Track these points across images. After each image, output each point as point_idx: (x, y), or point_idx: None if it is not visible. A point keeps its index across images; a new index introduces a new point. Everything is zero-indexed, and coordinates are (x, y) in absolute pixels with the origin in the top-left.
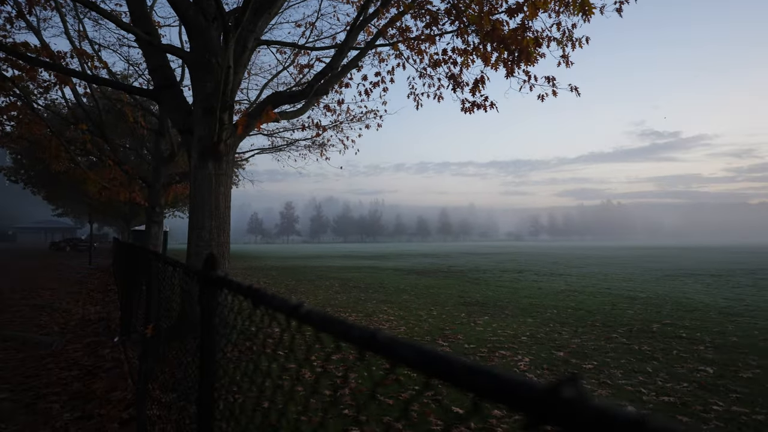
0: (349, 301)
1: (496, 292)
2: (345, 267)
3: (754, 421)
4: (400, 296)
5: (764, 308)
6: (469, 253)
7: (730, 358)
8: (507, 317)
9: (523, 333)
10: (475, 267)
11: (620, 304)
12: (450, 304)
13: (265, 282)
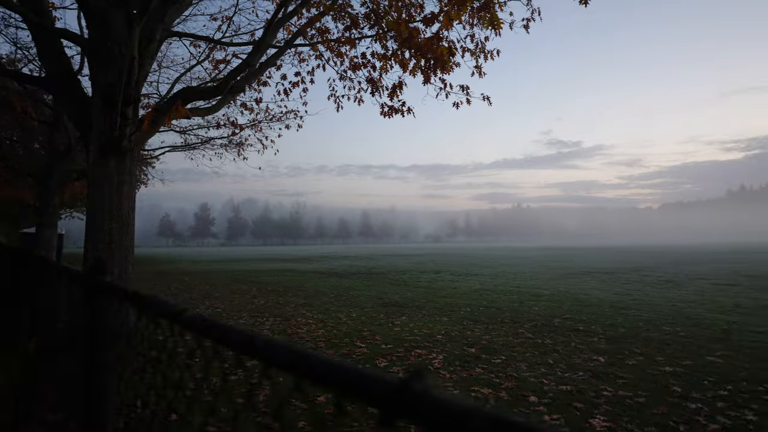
0: (266, 305)
1: (414, 293)
2: (264, 270)
3: (636, 403)
4: (319, 299)
5: (647, 302)
6: (390, 255)
7: (619, 348)
8: (424, 317)
9: (439, 332)
10: (395, 268)
11: (527, 301)
12: (369, 306)
13: (177, 288)
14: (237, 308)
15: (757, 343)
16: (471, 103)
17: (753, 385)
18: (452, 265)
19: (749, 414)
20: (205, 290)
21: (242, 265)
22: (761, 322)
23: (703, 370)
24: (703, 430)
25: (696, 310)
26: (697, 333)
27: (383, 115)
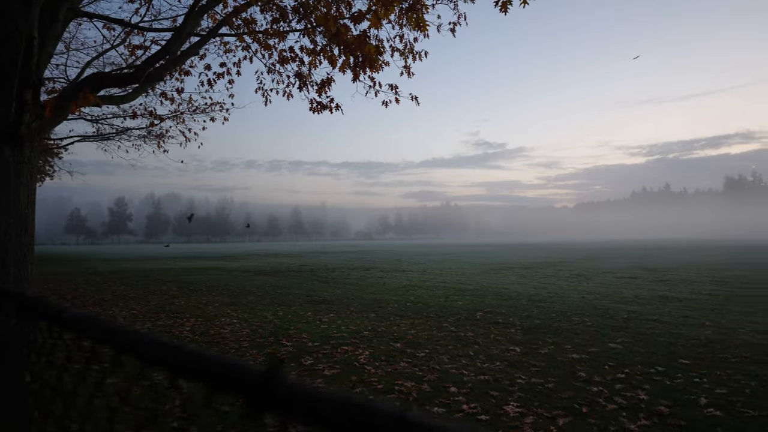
0: (187, 305)
1: (343, 290)
2: (186, 269)
3: (546, 389)
4: (245, 298)
5: (561, 294)
6: (320, 252)
7: (533, 338)
8: (352, 313)
9: (366, 328)
10: (324, 266)
11: (452, 296)
12: (297, 304)
13: (86, 290)
14: (154, 310)
15: (651, 330)
16: (400, 102)
17: (646, 368)
18: (382, 262)
19: (642, 394)
20: (120, 291)
21: (162, 264)
22: (655, 311)
23: (606, 355)
24: (602, 410)
25: (602, 302)
26: (602, 322)
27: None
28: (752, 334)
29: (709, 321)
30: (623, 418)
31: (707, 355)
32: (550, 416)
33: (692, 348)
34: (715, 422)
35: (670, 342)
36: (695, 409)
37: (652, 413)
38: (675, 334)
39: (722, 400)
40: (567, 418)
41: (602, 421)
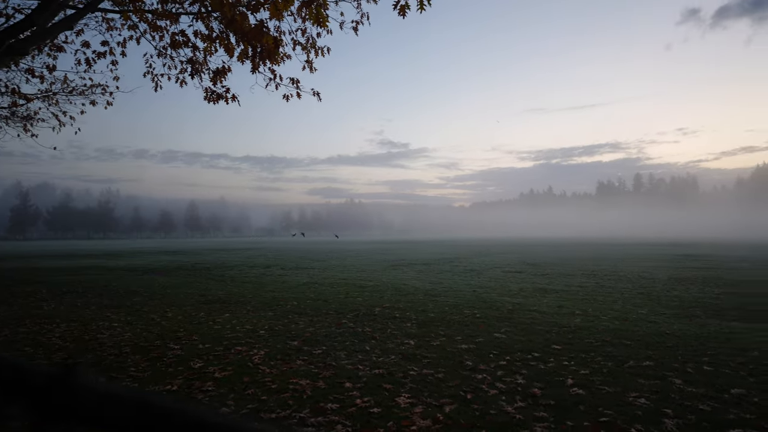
0: (60, 309)
1: (240, 288)
2: (60, 268)
3: (437, 379)
4: (129, 299)
5: (454, 289)
6: (218, 250)
7: (427, 331)
8: (248, 313)
9: (262, 327)
10: (222, 263)
11: (352, 292)
12: (189, 304)
13: None
14: (16, 315)
15: (532, 319)
16: (301, 97)
17: (525, 354)
18: (283, 260)
19: (520, 378)
20: None
21: (29, 263)
22: (536, 302)
23: (491, 345)
24: (485, 395)
25: (490, 295)
26: (489, 314)
27: (207, 100)
28: (612, 321)
29: (579, 310)
30: (502, 401)
31: (575, 340)
32: (438, 404)
33: (564, 335)
34: (578, 400)
35: (546, 330)
36: (563, 389)
37: (527, 395)
38: (551, 322)
39: (585, 379)
40: (453, 405)
41: (484, 405)
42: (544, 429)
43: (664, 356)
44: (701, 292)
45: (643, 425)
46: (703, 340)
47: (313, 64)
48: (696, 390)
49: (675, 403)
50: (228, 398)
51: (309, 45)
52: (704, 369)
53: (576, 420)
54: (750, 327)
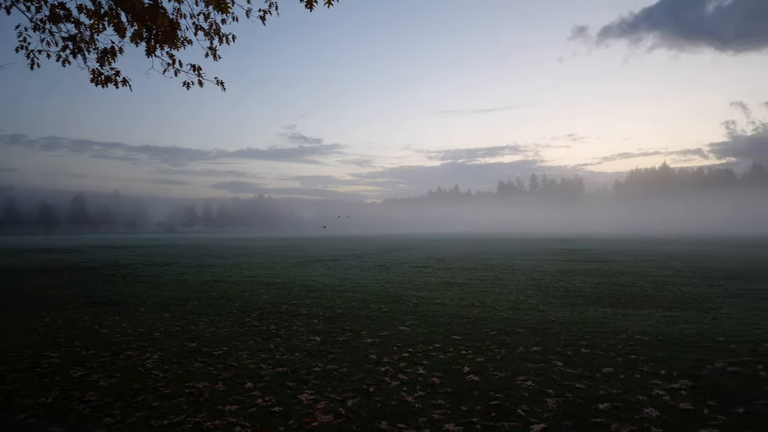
0: None
1: (134, 289)
2: None
3: (341, 374)
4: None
5: (363, 284)
6: (109, 247)
7: (334, 327)
8: (143, 314)
9: (158, 329)
10: (114, 262)
11: (258, 290)
12: (72, 307)
13: None
14: None
15: (435, 312)
16: (203, 85)
17: (427, 346)
18: (185, 257)
19: (421, 369)
20: None
21: None
22: (439, 295)
23: (395, 338)
24: (387, 387)
25: (397, 289)
26: (395, 308)
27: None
28: (507, 311)
29: (478, 302)
30: (403, 392)
31: (473, 330)
32: (341, 399)
33: (463, 325)
34: (473, 386)
35: (447, 322)
36: (460, 376)
37: (427, 385)
38: (452, 314)
39: (480, 367)
40: (356, 399)
41: (386, 397)
42: (440, 415)
43: (550, 342)
44: (583, 283)
45: (528, 405)
46: (582, 325)
47: (217, 52)
48: (574, 371)
49: (556, 384)
50: (113, 407)
51: (212, 31)
52: (582, 351)
53: (470, 405)
54: (621, 312)
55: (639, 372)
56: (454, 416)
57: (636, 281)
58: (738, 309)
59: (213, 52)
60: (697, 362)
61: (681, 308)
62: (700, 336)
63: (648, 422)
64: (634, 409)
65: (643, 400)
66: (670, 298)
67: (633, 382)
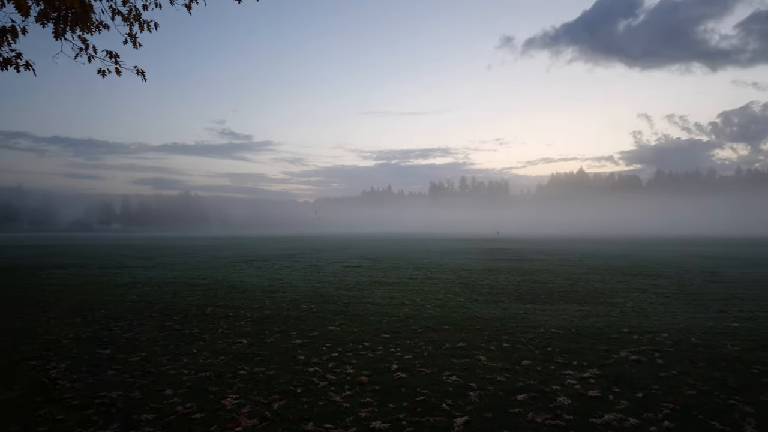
0: None
1: (40, 292)
2: None
3: (267, 376)
4: None
5: (293, 285)
6: (13, 246)
7: (262, 329)
8: (49, 321)
9: (67, 336)
10: (14, 265)
11: (182, 291)
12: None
13: None
14: None
15: (365, 311)
16: (121, 74)
17: (356, 345)
18: (101, 258)
19: (349, 368)
20: None
21: None
22: (371, 294)
23: (325, 338)
24: (315, 388)
25: (329, 289)
26: (326, 308)
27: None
28: (435, 309)
29: (408, 300)
30: (332, 392)
31: (403, 328)
32: (266, 402)
33: (393, 324)
34: (401, 383)
35: (377, 320)
36: (388, 374)
37: (356, 383)
38: (382, 313)
39: (408, 364)
40: (282, 401)
41: (314, 398)
42: (368, 414)
43: (474, 337)
44: (506, 280)
45: (453, 399)
46: (505, 321)
47: (137, 39)
48: (496, 364)
49: (479, 378)
50: (11, 423)
51: (132, 17)
52: (504, 346)
53: (397, 402)
54: (540, 308)
55: (554, 363)
56: (381, 414)
57: (554, 278)
58: (641, 302)
59: (133, 39)
60: (605, 352)
61: (593, 303)
62: (608, 328)
63: (560, 410)
64: (548, 399)
65: (557, 390)
66: (583, 293)
67: (548, 373)
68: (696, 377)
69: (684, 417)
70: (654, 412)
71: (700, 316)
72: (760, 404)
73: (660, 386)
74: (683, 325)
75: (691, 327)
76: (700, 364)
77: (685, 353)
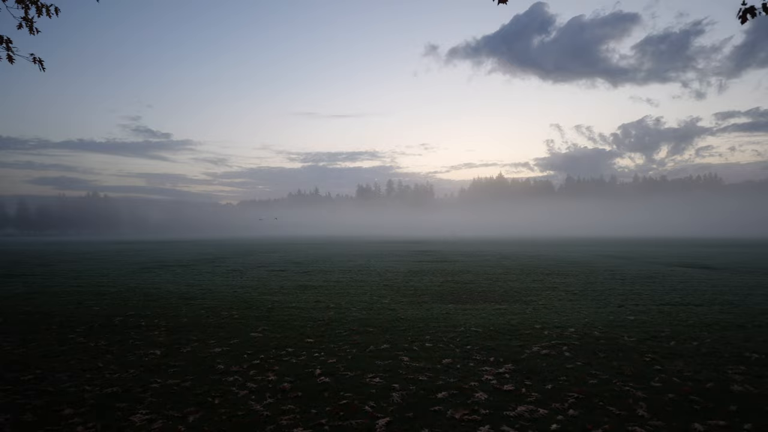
0: None
1: None
2: None
3: (183, 388)
4: None
5: (214, 290)
6: None
7: (178, 338)
8: None
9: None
10: None
11: (87, 301)
12: None
13: None
14: None
15: (289, 316)
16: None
17: (279, 351)
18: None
19: (271, 375)
20: None
21: None
22: (295, 299)
23: (246, 345)
24: (234, 397)
25: (251, 294)
26: (248, 314)
27: None
28: (360, 311)
29: (333, 304)
30: (252, 401)
31: (327, 332)
32: (181, 416)
33: (318, 328)
34: (324, 388)
35: (301, 325)
36: (311, 379)
37: (277, 391)
38: (307, 317)
39: (332, 368)
40: (198, 413)
41: (232, 408)
42: (289, 421)
43: (398, 339)
44: (430, 282)
45: (375, 401)
46: (428, 321)
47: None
48: (418, 364)
49: (402, 378)
50: None
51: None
52: (426, 346)
53: (320, 407)
54: (461, 307)
55: (473, 360)
56: (303, 420)
57: (475, 279)
58: (552, 300)
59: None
60: (519, 348)
61: (509, 301)
62: (522, 325)
63: (478, 405)
64: (467, 395)
65: (475, 386)
66: (501, 293)
67: (467, 371)
68: (597, 367)
69: (587, 405)
70: (561, 402)
71: (603, 311)
72: (650, 389)
73: (567, 377)
74: (588, 320)
75: (594, 321)
76: (601, 355)
77: (589, 346)
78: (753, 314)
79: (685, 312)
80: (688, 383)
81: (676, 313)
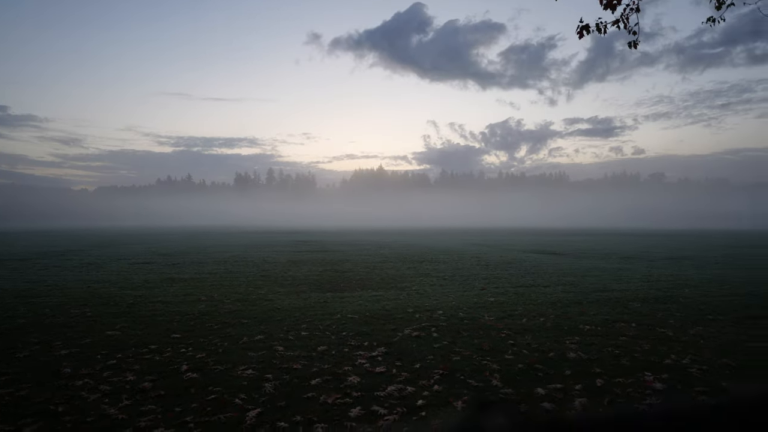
0: None
1: None
2: None
3: (17, 397)
4: None
5: (63, 286)
6: None
7: (11, 342)
8: None
9: None
10: None
11: None
12: None
13: None
14: None
15: (153, 311)
16: None
17: (140, 349)
18: None
19: (130, 375)
20: None
21: None
22: (161, 293)
23: (100, 345)
24: (83, 403)
25: (110, 289)
26: (104, 311)
27: None
28: (234, 303)
29: (205, 296)
30: (105, 404)
31: (197, 326)
32: (13, 429)
33: (186, 322)
34: (190, 384)
35: (168, 320)
36: (176, 376)
37: (136, 391)
38: (174, 312)
39: (200, 363)
40: (36, 424)
41: (80, 415)
42: (149, 422)
43: (273, 329)
44: (309, 271)
45: (246, 393)
46: (305, 310)
47: None
48: (293, 353)
49: (276, 368)
50: None
51: None
52: (302, 335)
53: (185, 404)
54: (339, 295)
55: (347, 346)
56: (165, 420)
57: (353, 267)
58: (424, 285)
59: None
60: (392, 332)
61: (385, 288)
62: (396, 310)
63: (350, 389)
64: (340, 380)
65: (349, 370)
66: (377, 280)
67: (342, 356)
68: (461, 345)
69: (450, 380)
70: (427, 379)
71: (468, 294)
72: (504, 362)
73: (434, 356)
74: (455, 303)
75: (460, 304)
76: (465, 334)
77: (454, 326)
78: (587, 292)
79: (536, 292)
80: (535, 354)
81: (529, 294)
